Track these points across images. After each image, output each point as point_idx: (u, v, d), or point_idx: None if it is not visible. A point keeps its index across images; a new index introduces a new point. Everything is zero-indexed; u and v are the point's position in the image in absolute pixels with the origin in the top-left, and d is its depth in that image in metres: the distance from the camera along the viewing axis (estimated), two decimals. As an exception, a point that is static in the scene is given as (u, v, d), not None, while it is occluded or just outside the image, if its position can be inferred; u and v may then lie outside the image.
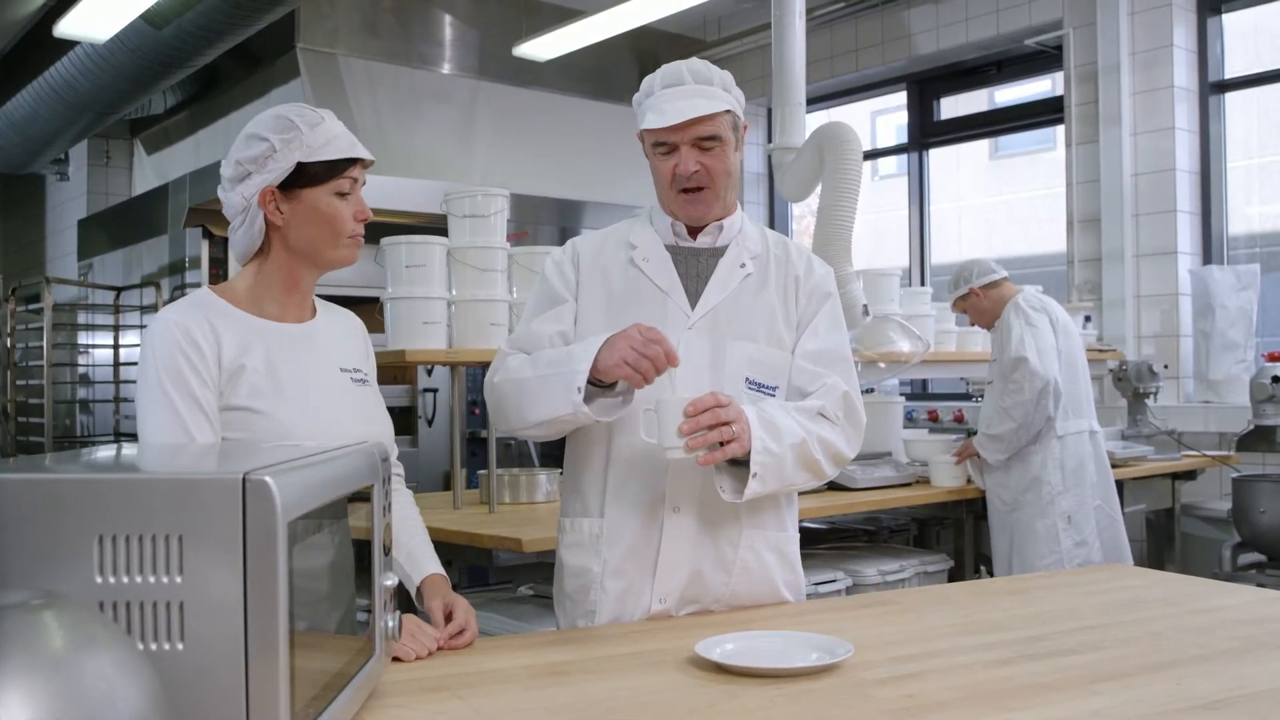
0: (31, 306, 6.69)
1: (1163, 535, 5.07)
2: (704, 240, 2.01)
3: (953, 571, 4.14)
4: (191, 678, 0.98)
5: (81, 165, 7.71)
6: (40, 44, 5.96)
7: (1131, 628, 1.73)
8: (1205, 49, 5.59)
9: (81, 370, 6.83)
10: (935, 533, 4.73)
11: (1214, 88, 5.62)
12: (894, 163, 7.62)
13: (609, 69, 7.05)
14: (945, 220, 7.19)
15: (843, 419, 1.94)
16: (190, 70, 5.63)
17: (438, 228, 3.62)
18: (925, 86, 6.97)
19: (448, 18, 6.59)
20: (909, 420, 5.79)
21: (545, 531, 2.92)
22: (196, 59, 5.42)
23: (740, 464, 1.80)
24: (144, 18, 4.98)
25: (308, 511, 1.06)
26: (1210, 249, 5.60)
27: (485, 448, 3.77)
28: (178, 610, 0.98)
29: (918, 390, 6.72)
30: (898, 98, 7.23)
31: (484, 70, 6.63)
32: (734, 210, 2.04)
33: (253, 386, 1.64)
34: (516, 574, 3.38)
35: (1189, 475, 4.92)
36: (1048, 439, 3.96)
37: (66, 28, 5.08)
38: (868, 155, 4.17)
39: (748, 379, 1.94)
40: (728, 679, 1.47)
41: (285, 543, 0.98)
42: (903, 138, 7.26)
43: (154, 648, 0.98)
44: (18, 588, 0.92)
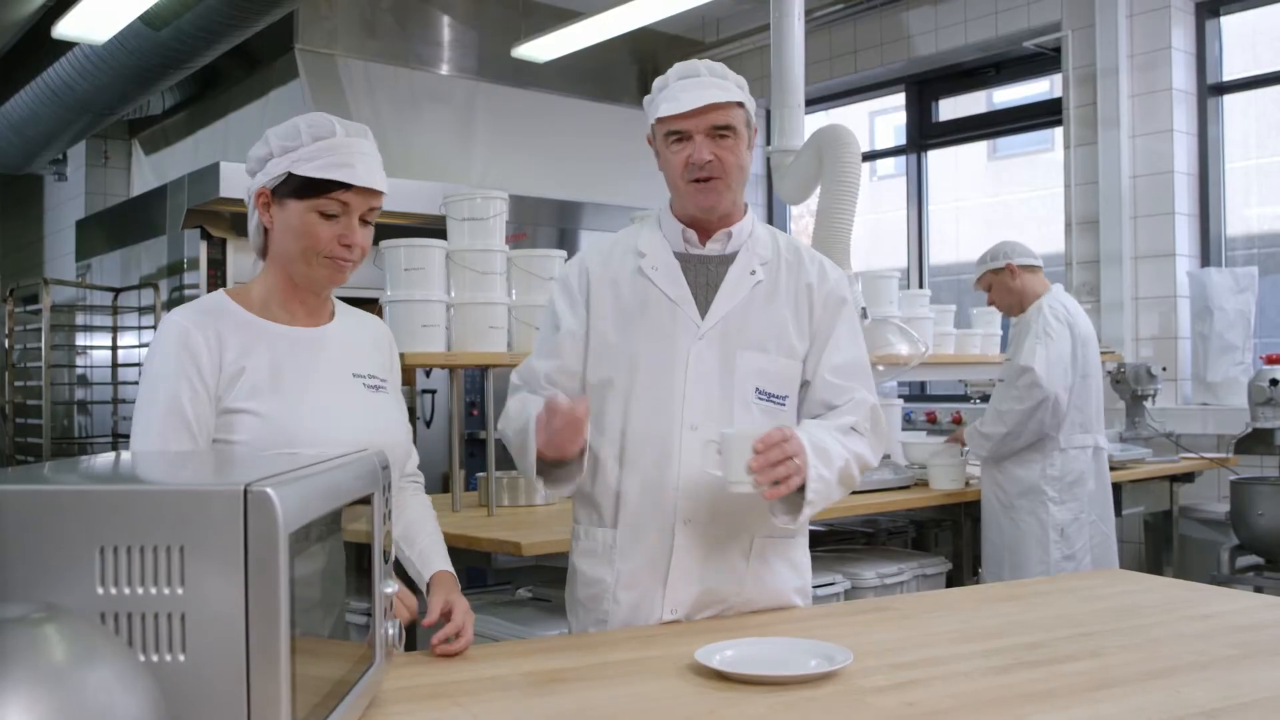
0: (30, 307, 6.68)
1: (1160, 538, 5.08)
2: (713, 247, 2.00)
3: (951, 574, 4.14)
4: (193, 689, 0.98)
5: (80, 166, 7.71)
6: (39, 45, 5.95)
7: (1130, 634, 1.74)
8: (1204, 51, 5.60)
9: (79, 371, 6.82)
10: (933, 535, 4.72)
11: (1212, 90, 5.63)
12: (892, 164, 7.62)
13: (608, 70, 7.05)
14: (943, 221, 7.19)
15: (870, 431, 1.99)
16: (189, 71, 5.63)
17: (436, 229, 3.62)
18: (924, 88, 6.98)
19: (446, 19, 6.59)
20: (907, 422, 5.80)
21: (544, 535, 2.92)
22: (195, 60, 5.42)
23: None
24: (143, 19, 4.98)
25: (309, 521, 1.06)
26: (1209, 251, 5.60)
27: (484, 449, 3.77)
28: (179, 622, 0.98)
29: (916, 392, 6.72)
30: (896, 99, 7.23)
31: (483, 71, 6.63)
32: (743, 213, 2.03)
33: (253, 387, 1.64)
34: (515, 576, 3.38)
35: (1187, 478, 4.92)
36: (1049, 449, 3.91)
37: (65, 28, 5.08)
38: (866, 156, 4.18)
39: (757, 389, 1.94)
40: (727, 686, 1.47)
41: (287, 553, 0.98)
42: (901, 139, 7.27)
43: (155, 659, 0.98)
44: (18, 600, 0.92)
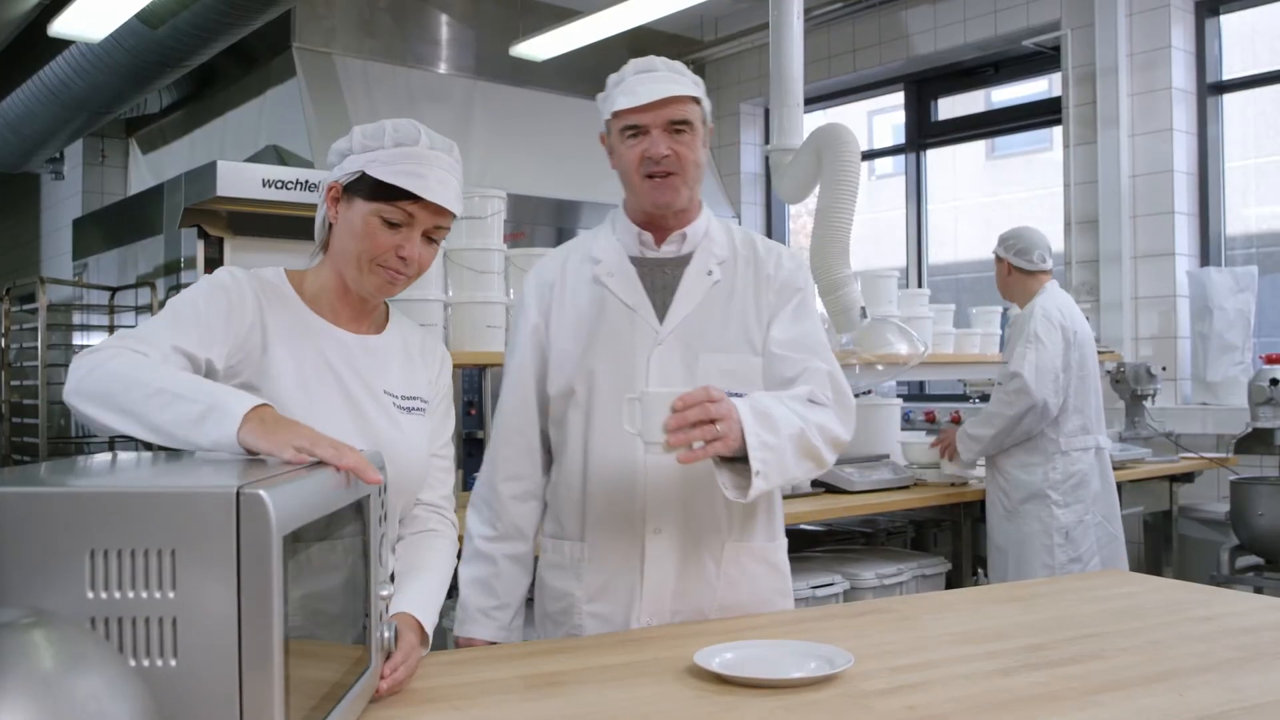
0: (26, 306, 6.65)
1: (1160, 538, 5.07)
2: (668, 249, 1.97)
3: (950, 575, 4.13)
4: (185, 694, 0.96)
5: (77, 164, 7.69)
6: (35, 43, 5.93)
7: (1132, 636, 1.72)
8: (1203, 50, 5.59)
9: (76, 370, 6.79)
10: (933, 535, 4.71)
11: (1212, 89, 5.62)
12: (890, 163, 7.61)
13: (606, 69, 6.90)
14: (941, 220, 7.18)
15: (833, 400, 1.89)
16: (185, 70, 5.61)
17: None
18: (923, 87, 6.96)
19: (444, 17, 6.57)
20: (905, 422, 5.78)
21: (542, 535, 2.90)
22: (192, 58, 5.40)
23: (740, 460, 1.73)
24: (139, 17, 4.96)
25: (303, 524, 1.05)
26: (1208, 250, 5.59)
27: (482, 449, 3.75)
28: (171, 626, 0.96)
29: (915, 391, 6.71)
30: (894, 98, 7.22)
31: (481, 70, 6.61)
32: (698, 212, 2.00)
33: (276, 372, 1.58)
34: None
35: (1186, 478, 4.91)
36: (1051, 452, 3.89)
37: (61, 27, 5.06)
38: (864, 156, 4.17)
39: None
40: (727, 689, 1.46)
41: (280, 556, 0.97)
42: (899, 138, 7.25)
43: (147, 664, 0.96)
44: (7, 605, 0.91)
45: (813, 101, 6.44)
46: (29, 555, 0.97)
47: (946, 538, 4.61)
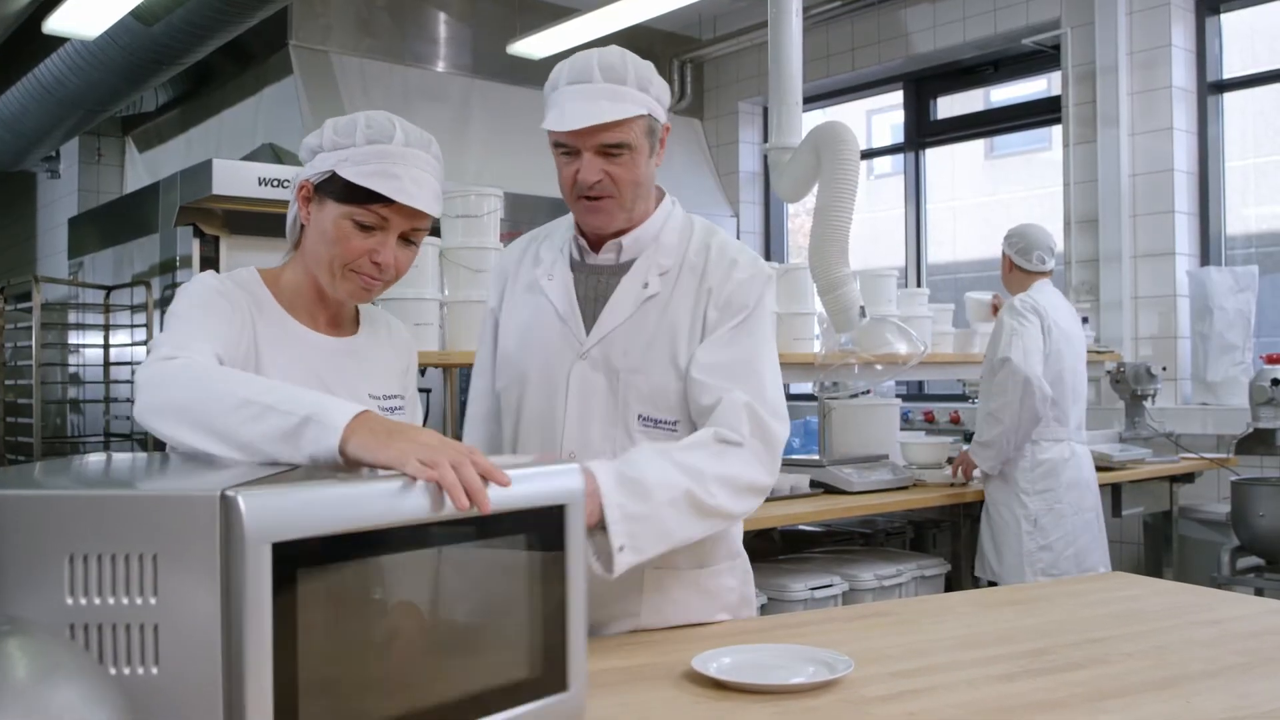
0: (20, 305, 6.62)
1: (1160, 538, 5.04)
2: (605, 257, 1.83)
3: (950, 575, 4.11)
4: (166, 704, 0.93)
5: (73, 163, 7.66)
6: (30, 40, 5.90)
7: (1136, 640, 1.70)
8: (1204, 49, 5.57)
9: (71, 370, 6.77)
10: (932, 535, 4.69)
11: (1212, 88, 5.59)
12: (889, 162, 7.59)
13: (604, 67, 7.00)
14: (940, 220, 7.16)
15: (749, 437, 1.70)
16: (181, 67, 5.58)
17: (430, 227, 3.57)
18: (922, 86, 6.94)
19: (441, 15, 6.54)
20: (904, 422, 5.76)
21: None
22: (188, 56, 5.37)
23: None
24: (134, 14, 4.93)
25: (304, 536, 0.99)
26: (1208, 250, 5.57)
27: (478, 450, 3.72)
28: (152, 633, 0.94)
29: (913, 391, 6.69)
30: (893, 97, 7.19)
31: (478, 68, 6.58)
32: (645, 218, 1.82)
33: None
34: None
35: (1187, 478, 4.89)
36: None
37: (56, 24, 5.03)
38: (863, 155, 4.15)
39: (641, 415, 1.77)
40: (725, 695, 1.43)
41: (268, 564, 0.94)
42: (897, 137, 7.23)
43: (127, 672, 0.94)
44: (-19, 613, 0.88)
45: (811, 100, 6.41)
46: (5, 560, 0.94)
47: (946, 538, 4.59)
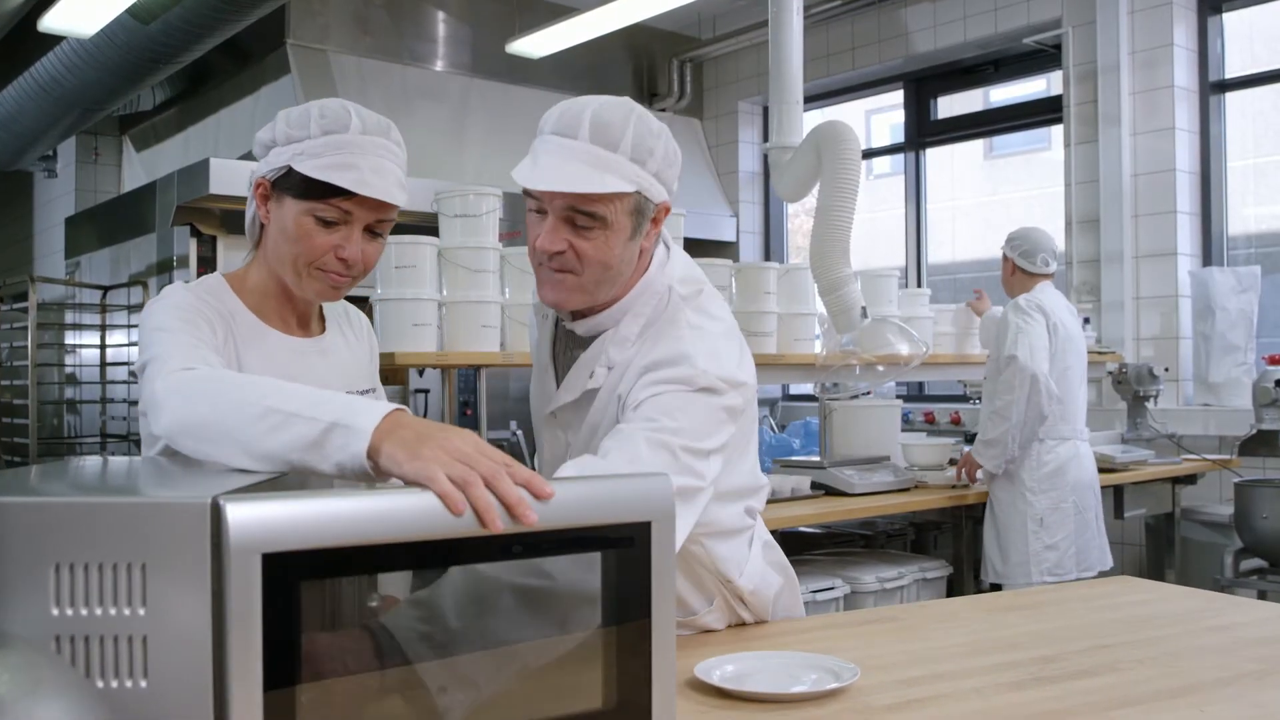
0: (17, 305, 6.59)
1: (1162, 540, 5.02)
2: (579, 325, 1.65)
3: (951, 578, 4.09)
4: (155, 718, 0.90)
5: (70, 162, 7.62)
6: (25, 38, 5.87)
7: (1147, 647, 1.67)
8: (1205, 48, 5.54)
9: (68, 370, 6.74)
10: (933, 537, 4.67)
11: (1214, 87, 5.57)
12: (888, 162, 7.57)
13: (603, 67, 6.98)
14: (940, 220, 7.13)
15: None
16: (178, 66, 5.55)
17: (429, 227, 3.55)
18: (922, 85, 6.91)
19: (440, 14, 6.51)
20: (905, 423, 5.73)
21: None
22: (185, 55, 5.34)
23: None
24: (130, 12, 4.90)
25: (299, 549, 0.94)
26: (1210, 250, 5.54)
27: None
28: (140, 645, 0.90)
29: (914, 392, 6.66)
30: (892, 97, 7.17)
31: (476, 67, 6.55)
32: (613, 302, 1.61)
33: None
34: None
35: (1189, 479, 4.87)
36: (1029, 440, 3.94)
37: (51, 22, 5.00)
38: (863, 155, 4.11)
39: None
40: (729, 704, 1.40)
41: (258, 576, 0.91)
42: (897, 137, 7.21)
43: (114, 685, 0.90)
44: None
45: (811, 100, 6.38)
46: (-11, 570, 0.91)
47: (947, 540, 4.57)
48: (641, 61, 7.34)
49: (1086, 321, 5.33)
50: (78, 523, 0.91)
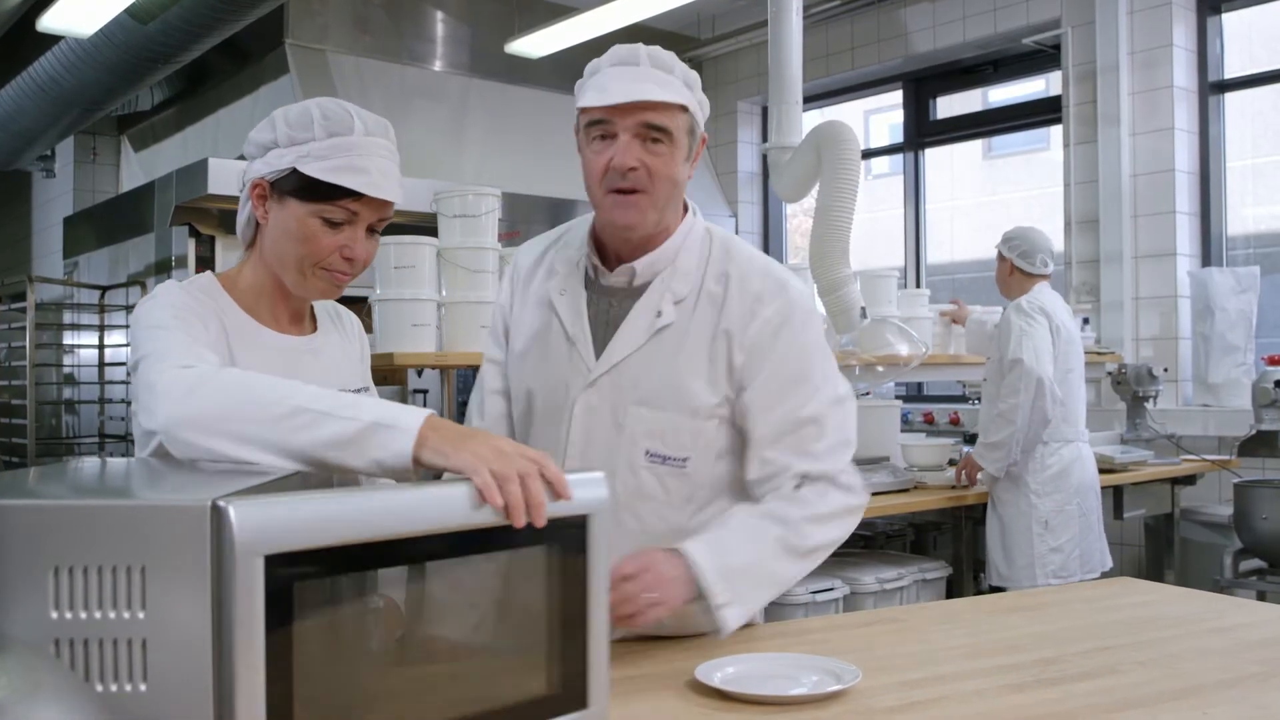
0: (15, 305, 6.58)
1: (1161, 541, 5.02)
2: (618, 279, 1.71)
3: (951, 579, 4.08)
4: (155, 722, 0.90)
5: (68, 162, 7.62)
6: (24, 38, 5.86)
7: (1149, 648, 1.67)
8: (1205, 48, 5.54)
9: (66, 370, 6.73)
10: (932, 538, 4.66)
11: (1214, 87, 5.57)
12: (887, 162, 7.56)
13: (602, 67, 6.97)
14: (939, 220, 7.13)
15: (809, 498, 1.65)
16: (177, 66, 5.54)
17: (427, 227, 3.54)
18: (921, 85, 6.91)
19: (439, 14, 6.51)
20: (904, 423, 5.73)
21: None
22: (183, 55, 5.33)
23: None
24: (129, 12, 4.89)
25: (299, 549, 0.95)
26: (1209, 250, 5.54)
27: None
28: (140, 648, 0.90)
29: (913, 392, 6.66)
30: (891, 97, 7.17)
31: (475, 67, 6.55)
32: (665, 238, 1.70)
33: None
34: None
35: (1188, 480, 4.87)
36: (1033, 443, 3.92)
37: (50, 22, 4.99)
38: (862, 155, 4.11)
39: (648, 451, 1.68)
40: (730, 706, 1.40)
41: (260, 577, 0.90)
42: (896, 137, 7.21)
43: (114, 689, 0.90)
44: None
45: (810, 100, 6.38)
46: (-12, 573, 0.91)
47: (946, 540, 4.57)
48: (641, 61, 7.33)
49: (1085, 322, 5.33)
50: (77, 525, 0.91)
